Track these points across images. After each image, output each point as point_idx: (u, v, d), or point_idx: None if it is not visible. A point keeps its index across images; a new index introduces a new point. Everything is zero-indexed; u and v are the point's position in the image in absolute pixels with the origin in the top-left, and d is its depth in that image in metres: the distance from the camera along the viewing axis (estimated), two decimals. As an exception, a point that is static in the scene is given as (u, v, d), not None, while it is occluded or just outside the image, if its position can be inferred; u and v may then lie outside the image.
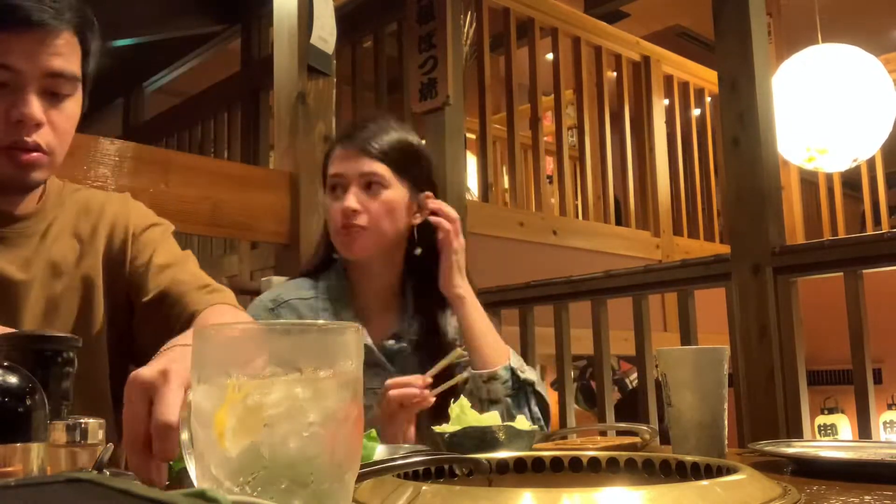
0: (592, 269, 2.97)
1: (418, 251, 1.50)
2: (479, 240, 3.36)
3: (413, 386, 1.29)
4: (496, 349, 1.45)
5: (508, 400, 1.41)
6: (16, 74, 1.00)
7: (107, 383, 1.16)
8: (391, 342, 1.49)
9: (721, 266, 2.44)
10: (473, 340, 1.44)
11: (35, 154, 1.03)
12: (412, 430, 1.32)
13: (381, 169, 1.47)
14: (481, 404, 1.40)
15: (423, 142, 1.61)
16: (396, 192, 1.49)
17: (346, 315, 1.47)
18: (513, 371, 1.42)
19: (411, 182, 1.51)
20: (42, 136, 1.03)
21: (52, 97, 1.05)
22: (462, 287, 1.47)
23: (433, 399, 1.30)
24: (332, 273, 1.54)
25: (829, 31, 4.28)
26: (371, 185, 1.47)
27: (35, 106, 1.01)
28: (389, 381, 1.31)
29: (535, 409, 1.44)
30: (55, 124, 1.05)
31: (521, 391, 1.43)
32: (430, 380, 1.31)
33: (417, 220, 1.51)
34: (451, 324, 1.54)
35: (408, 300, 1.54)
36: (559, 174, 4.03)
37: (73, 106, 1.09)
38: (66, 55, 1.04)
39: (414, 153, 1.54)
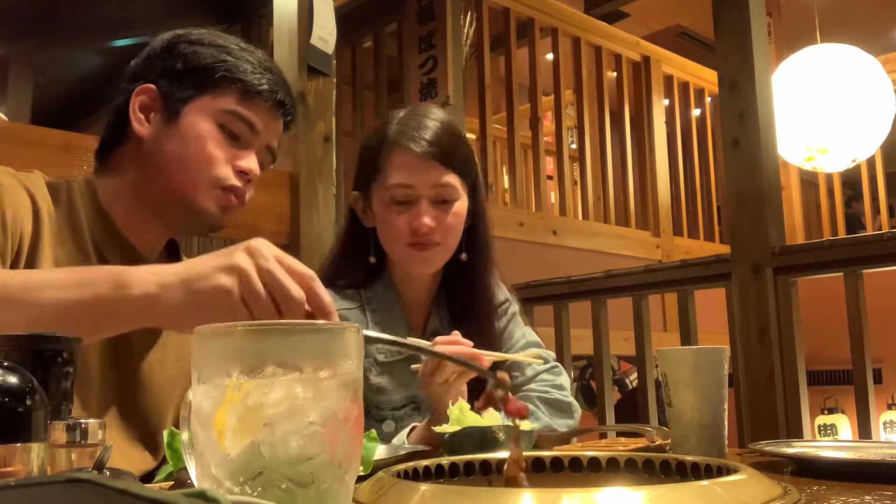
0: (592, 269, 2.97)
1: (464, 256, 1.43)
2: (479, 240, 3.35)
3: (462, 345, 1.18)
4: None
5: None
6: (253, 136, 1.18)
7: None
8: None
9: (721, 266, 2.44)
10: None
11: (235, 200, 1.18)
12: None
13: (453, 180, 1.36)
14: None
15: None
16: (463, 201, 1.39)
17: (396, 324, 1.40)
18: None
19: (470, 185, 1.42)
20: (248, 187, 1.19)
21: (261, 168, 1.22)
22: None
23: (487, 362, 1.19)
24: (380, 285, 1.43)
25: (829, 31, 4.28)
26: (444, 198, 1.36)
27: (253, 162, 1.18)
28: (438, 339, 1.20)
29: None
30: (251, 185, 1.21)
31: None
32: (484, 356, 1.20)
33: (467, 224, 1.43)
34: (488, 322, 1.46)
35: (442, 299, 1.48)
36: (559, 174, 4.03)
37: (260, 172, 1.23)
38: (278, 135, 1.23)
39: (471, 153, 1.43)
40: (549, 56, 4.13)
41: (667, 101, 4.68)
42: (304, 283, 0.81)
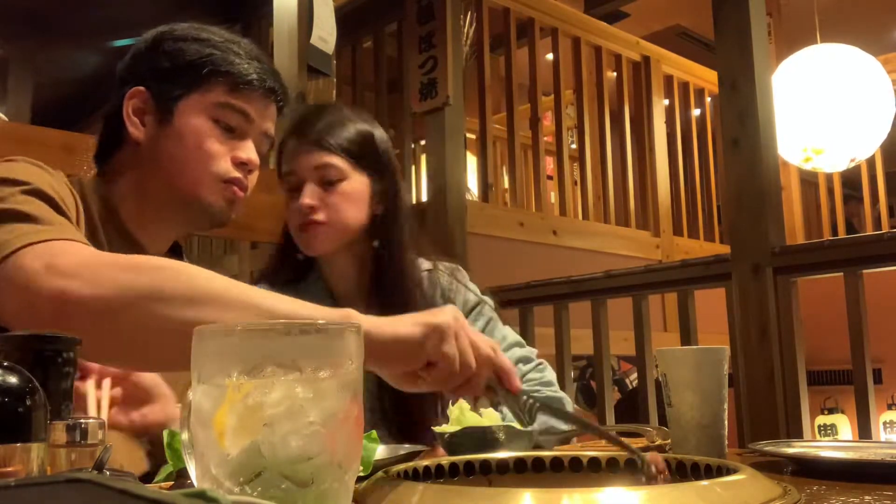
0: (592, 269, 2.97)
1: (376, 243, 1.46)
2: (479, 240, 3.36)
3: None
4: None
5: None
6: (248, 125, 1.19)
7: None
8: None
9: (721, 266, 2.44)
10: None
11: (239, 191, 1.19)
12: None
13: (336, 161, 1.42)
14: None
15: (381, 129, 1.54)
16: (354, 182, 1.44)
17: None
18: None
19: (370, 171, 1.46)
20: (249, 180, 1.21)
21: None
22: None
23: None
24: (312, 279, 1.49)
25: (829, 31, 4.28)
26: (327, 178, 1.42)
27: (252, 152, 1.19)
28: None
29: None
30: (253, 174, 1.23)
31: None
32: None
33: (379, 210, 1.46)
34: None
35: (374, 292, 1.48)
36: (559, 174, 4.03)
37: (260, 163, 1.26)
38: (273, 120, 1.25)
39: (371, 141, 1.48)
40: (549, 56, 4.13)
41: (667, 101, 4.68)
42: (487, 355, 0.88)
